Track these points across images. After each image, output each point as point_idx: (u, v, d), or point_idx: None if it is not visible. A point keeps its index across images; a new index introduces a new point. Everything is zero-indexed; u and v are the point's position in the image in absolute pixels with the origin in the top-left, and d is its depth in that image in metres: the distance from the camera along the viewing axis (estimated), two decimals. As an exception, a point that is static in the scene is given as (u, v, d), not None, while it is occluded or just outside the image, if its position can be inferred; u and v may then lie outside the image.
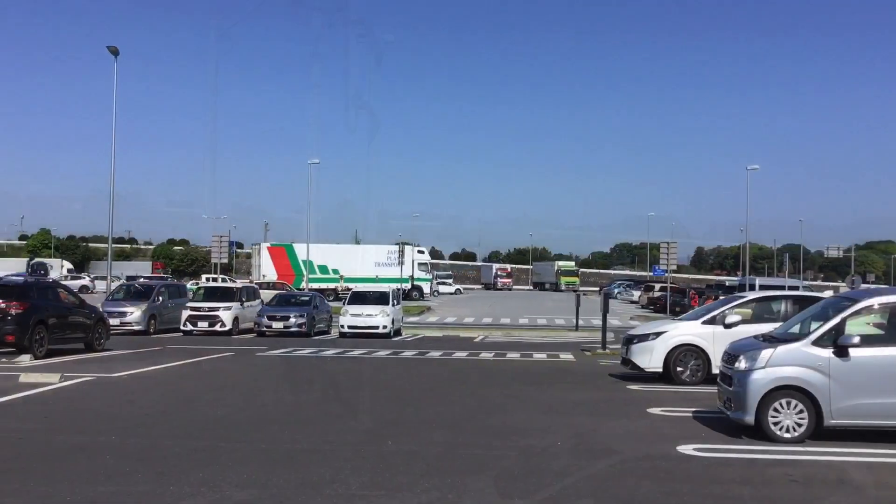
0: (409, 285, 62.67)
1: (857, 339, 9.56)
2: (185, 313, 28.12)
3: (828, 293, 22.68)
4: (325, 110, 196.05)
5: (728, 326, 14.72)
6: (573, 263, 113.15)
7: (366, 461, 8.41)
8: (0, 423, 10.29)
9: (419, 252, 68.17)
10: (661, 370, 15.49)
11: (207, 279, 61.62)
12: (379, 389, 14.34)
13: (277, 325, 27.87)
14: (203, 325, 27.78)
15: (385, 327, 27.97)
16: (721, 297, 20.66)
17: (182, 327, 27.96)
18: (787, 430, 9.67)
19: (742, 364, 10.06)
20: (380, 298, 29.21)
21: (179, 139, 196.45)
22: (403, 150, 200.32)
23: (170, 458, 8.42)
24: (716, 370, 13.51)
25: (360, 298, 29.37)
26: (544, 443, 9.53)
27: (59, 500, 6.79)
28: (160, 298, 28.91)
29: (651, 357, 15.54)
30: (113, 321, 24.21)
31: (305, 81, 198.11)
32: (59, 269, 74.80)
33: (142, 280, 44.06)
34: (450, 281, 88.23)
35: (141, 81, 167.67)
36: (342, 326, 28.27)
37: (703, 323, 15.48)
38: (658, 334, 15.73)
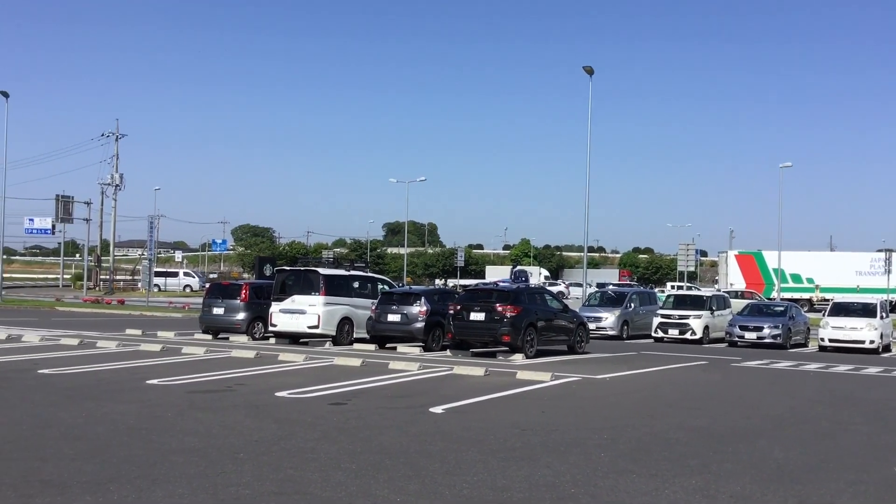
0: (897, 296, 56.28)
1: None
2: (656, 320, 28.64)
3: None
4: (795, 110, 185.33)
5: None
6: None
7: (869, 486, 7.79)
8: (504, 415, 11.52)
9: (910, 259, 60.78)
10: None
11: (672, 287, 62.04)
12: (874, 409, 13.12)
13: (750, 335, 27.01)
14: (673, 332, 28.03)
15: (872, 342, 25.51)
16: None
17: (653, 334, 28.53)
18: None
19: None
20: (865, 310, 26.75)
21: (642, 149, 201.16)
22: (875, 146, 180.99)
23: (661, 461, 8.67)
24: None
25: (842, 310, 27.18)
26: None
27: (562, 490, 7.39)
28: (632, 305, 29.91)
29: None
30: (589, 325, 25.57)
31: (768, 86, 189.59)
32: (537, 276, 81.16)
33: (612, 287, 45.87)
34: (951, 292, 77.21)
35: (612, 95, 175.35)
36: (821, 339, 26.41)
37: None
38: None
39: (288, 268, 24.59)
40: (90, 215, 70.28)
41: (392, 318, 21.16)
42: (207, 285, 31.46)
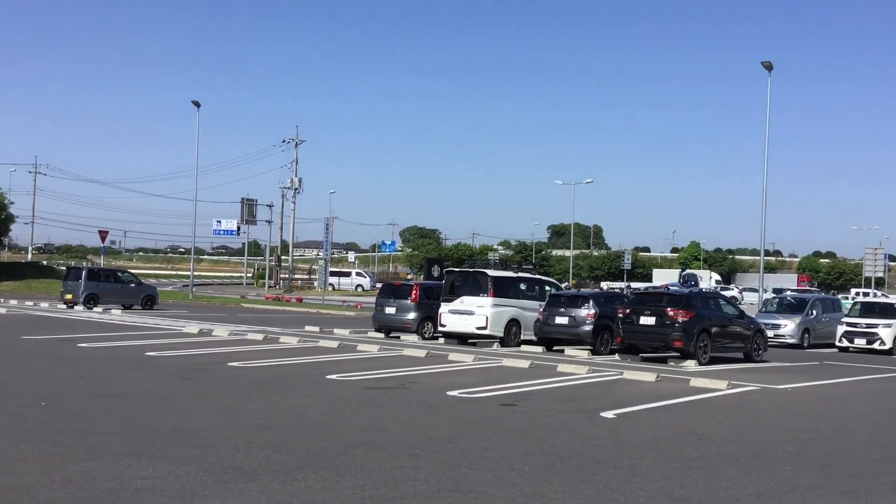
0: None
1: None
2: (841, 329, 26.97)
3: None
4: None
5: None
6: None
7: None
8: (678, 422, 11.23)
9: None
10: None
11: (858, 293, 58.17)
12: None
13: (949, 347, 24.97)
14: (860, 342, 26.31)
15: None
16: None
17: (837, 343, 26.88)
18: None
19: None
20: None
21: (822, 145, 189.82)
22: None
23: (851, 478, 8.18)
24: None
25: None
26: None
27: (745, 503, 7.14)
28: (813, 312, 28.32)
29: None
30: (767, 333, 24.41)
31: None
32: (707, 280, 78.32)
33: (791, 293, 43.62)
34: None
35: (787, 94, 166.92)
36: None
37: None
38: None
39: (457, 269, 24.96)
40: (272, 217, 74.35)
41: (560, 320, 21.08)
42: (380, 285, 32.49)
